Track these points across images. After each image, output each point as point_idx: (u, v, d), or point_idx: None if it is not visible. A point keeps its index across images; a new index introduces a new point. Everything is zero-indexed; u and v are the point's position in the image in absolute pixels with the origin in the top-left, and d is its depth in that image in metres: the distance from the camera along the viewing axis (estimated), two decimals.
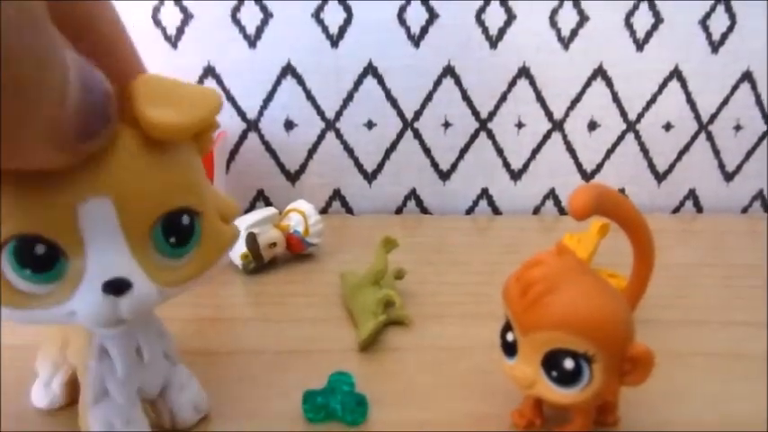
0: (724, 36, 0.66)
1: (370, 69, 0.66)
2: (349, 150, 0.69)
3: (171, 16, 0.64)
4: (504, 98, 0.68)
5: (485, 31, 0.65)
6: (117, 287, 0.27)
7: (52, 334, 0.36)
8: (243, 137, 0.68)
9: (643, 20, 0.66)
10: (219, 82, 0.66)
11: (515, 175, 0.71)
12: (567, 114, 0.69)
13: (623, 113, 0.69)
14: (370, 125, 0.68)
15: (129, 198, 0.27)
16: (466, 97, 0.68)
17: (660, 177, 0.72)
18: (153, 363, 0.33)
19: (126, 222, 0.27)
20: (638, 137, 0.70)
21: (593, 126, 0.70)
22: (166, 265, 0.29)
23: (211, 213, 0.31)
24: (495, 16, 0.65)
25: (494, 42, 0.66)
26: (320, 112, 0.68)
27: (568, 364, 0.30)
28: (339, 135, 0.69)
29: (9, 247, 0.25)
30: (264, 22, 0.64)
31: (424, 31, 0.65)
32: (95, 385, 0.31)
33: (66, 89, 0.22)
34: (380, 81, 0.67)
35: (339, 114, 0.68)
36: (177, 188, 0.29)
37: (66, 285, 0.27)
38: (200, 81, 0.66)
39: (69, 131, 0.23)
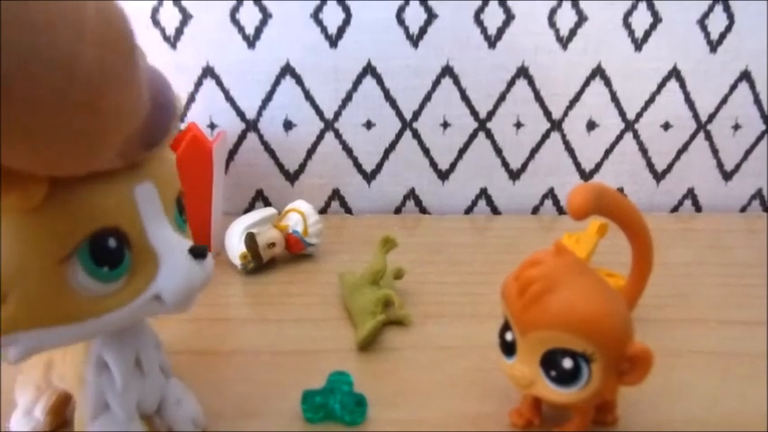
0: (722, 35, 0.66)
1: (369, 69, 0.66)
2: (348, 150, 0.69)
3: (170, 16, 0.64)
4: (502, 98, 0.68)
5: (483, 30, 0.65)
6: (203, 251, 0.28)
7: (33, 359, 0.32)
8: (242, 137, 0.68)
9: (641, 19, 0.66)
10: (218, 82, 0.66)
11: (514, 175, 0.71)
12: (565, 114, 0.69)
13: (622, 113, 0.69)
14: (368, 125, 0.68)
15: (164, 180, 0.29)
16: (465, 97, 0.68)
17: (659, 177, 0.72)
18: (151, 375, 0.32)
19: (164, 203, 0.29)
20: (636, 136, 0.70)
21: (591, 126, 0.70)
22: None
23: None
24: (493, 16, 0.65)
25: (492, 42, 0.66)
26: (319, 113, 0.68)
27: (567, 363, 0.30)
28: (338, 135, 0.69)
29: (83, 250, 0.25)
30: (263, 22, 0.64)
31: (423, 31, 0.65)
32: (95, 399, 0.30)
33: (139, 105, 0.23)
34: (379, 81, 0.67)
35: (338, 114, 0.68)
36: (176, 170, 0.31)
37: (140, 272, 0.27)
38: (200, 81, 0.66)
39: (136, 143, 0.25)
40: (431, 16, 0.65)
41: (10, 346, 0.25)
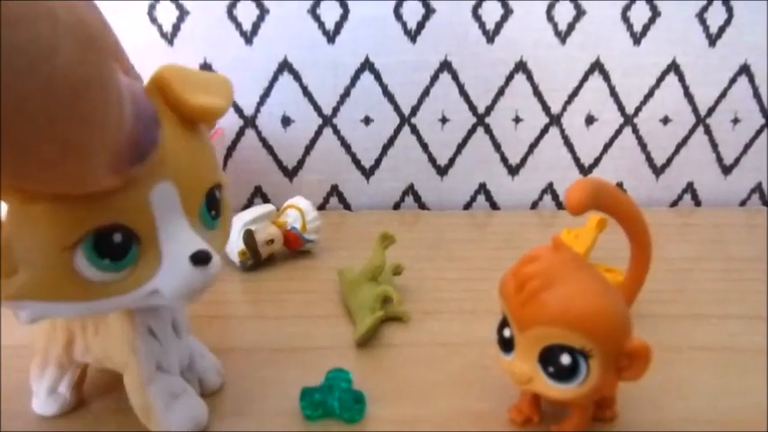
0: (721, 29, 0.66)
1: (367, 65, 0.66)
2: (346, 146, 0.69)
3: (167, 13, 0.64)
4: (501, 93, 0.68)
5: (481, 25, 0.65)
6: (204, 258, 0.29)
7: (51, 337, 0.35)
8: (240, 133, 0.68)
9: (640, 14, 0.65)
10: None
11: (513, 170, 0.71)
12: (564, 109, 0.69)
13: (621, 107, 0.69)
14: (367, 121, 0.68)
15: (185, 179, 0.29)
16: (463, 92, 0.67)
17: (658, 171, 0.72)
18: (183, 335, 0.35)
19: (184, 202, 0.29)
20: (635, 131, 0.70)
21: (590, 120, 0.69)
22: (209, 237, 0.31)
23: (225, 186, 0.34)
24: (491, 11, 0.65)
25: (490, 37, 0.66)
26: (317, 109, 0.68)
27: (565, 359, 0.30)
28: (336, 131, 0.69)
29: (86, 242, 0.27)
30: (261, 18, 0.64)
31: (421, 26, 0.65)
32: (148, 363, 0.33)
33: (122, 114, 0.23)
34: (377, 77, 0.66)
35: (336, 110, 0.68)
36: (211, 165, 0.32)
37: (142, 267, 0.28)
38: None
39: (125, 156, 0.24)
40: (428, 11, 0.64)
41: (21, 310, 0.28)
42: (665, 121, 0.70)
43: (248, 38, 0.65)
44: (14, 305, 0.27)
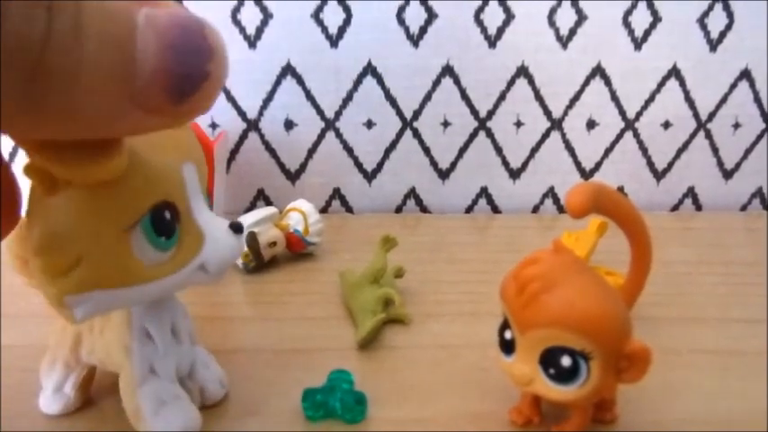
0: (722, 34, 0.66)
1: (370, 69, 0.66)
2: (349, 150, 0.70)
3: None
4: (502, 97, 0.68)
5: (483, 30, 0.65)
6: (240, 227, 0.32)
7: (60, 337, 0.36)
8: (243, 137, 0.69)
9: (641, 18, 0.66)
10: None
11: (514, 174, 0.71)
12: (565, 113, 0.69)
13: (622, 112, 0.69)
14: (369, 124, 0.69)
15: (201, 167, 0.31)
16: (465, 96, 0.68)
17: (659, 175, 0.72)
18: (184, 342, 0.35)
19: (201, 184, 0.31)
20: (636, 135, 0.70)
21: (591, 125, 0.70)
22: None
23: None
24: (493, 16, 0.65)
25: (492, 42, 0.66)
26: (320, 112, 0.68)
27: (566, 361, 0.30)
28: (339, 134, 0.69)
29: (146, 220, 0.28)
30: (264, 22, 0.64)
31: (423, 30, 0.65)
32: (141, 365, 0.33)
33: (130, 53, 0.21)
34: (380, 81, 0.67)
35: (339, 114, 0.68)
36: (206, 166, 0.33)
37: (187, 244, 0.30)
38: None
39: (156, 94, 0.22)
40: (431, 16, 0.65)
41: (78, 307, 0.27)
42: (666, 125, 0.70)
43: (252, 42, 0.65)
44: (76, 301, 0.27)
